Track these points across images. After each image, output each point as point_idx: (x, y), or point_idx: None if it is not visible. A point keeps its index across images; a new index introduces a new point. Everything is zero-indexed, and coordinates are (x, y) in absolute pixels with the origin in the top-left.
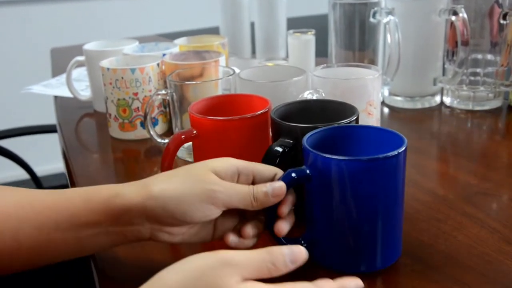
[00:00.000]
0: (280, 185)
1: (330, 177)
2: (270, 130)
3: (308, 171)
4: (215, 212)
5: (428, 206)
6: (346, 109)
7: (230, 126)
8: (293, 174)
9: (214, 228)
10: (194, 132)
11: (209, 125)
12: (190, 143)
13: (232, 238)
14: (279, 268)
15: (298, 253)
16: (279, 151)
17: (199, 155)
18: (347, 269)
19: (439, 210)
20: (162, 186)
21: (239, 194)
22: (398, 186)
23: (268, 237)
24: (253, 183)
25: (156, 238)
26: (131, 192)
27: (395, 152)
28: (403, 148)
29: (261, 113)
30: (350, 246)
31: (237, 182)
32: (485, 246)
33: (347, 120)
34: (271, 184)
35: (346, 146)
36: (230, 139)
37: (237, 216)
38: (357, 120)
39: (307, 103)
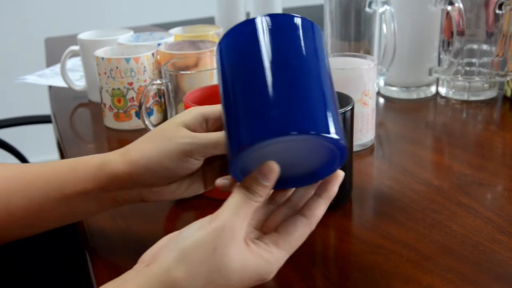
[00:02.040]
0: None
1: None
2: None
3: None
4: (196, 163)
5: (423, 196)
6: (341, 99)
7: None
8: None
9: (204, 178)
10: None
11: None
12: None
13: (221, 181)
14: (259, 194)
15: (267, 169)
16: None
17: None
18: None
19: (434, 200)
20: (141, 149)
21: (211, 141)
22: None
23: None
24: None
25: (148, 199)
26: (115, 159)
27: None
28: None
29: None
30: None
31: (207, 127)
32: (479, 236)
33: (342, 110)
34: None
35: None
36: None
37: (223, 160)
38: (352, 109)
39: None
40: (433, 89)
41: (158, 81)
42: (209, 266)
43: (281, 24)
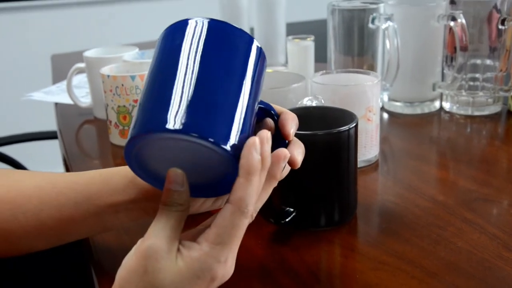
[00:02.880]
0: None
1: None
2: None
3: None
4: None
5: (428, 212)
6: (345, 116)
7: None
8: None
9: None
10: None
11: None
12: None
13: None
14: (177, 202)
15: (172, 175)
16: None
17: None
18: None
19: (439, 216)
20: None
21: None
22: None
23: None
24: None
25: None
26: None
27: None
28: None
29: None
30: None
31: None
32: (484, 252)
33: (346, 127)
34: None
35: None
36: None
37: None
38: (356, 126)
39: (307, 109)
40: (437, 104)
41: None
42: (145, 287)
43: (214, 30)
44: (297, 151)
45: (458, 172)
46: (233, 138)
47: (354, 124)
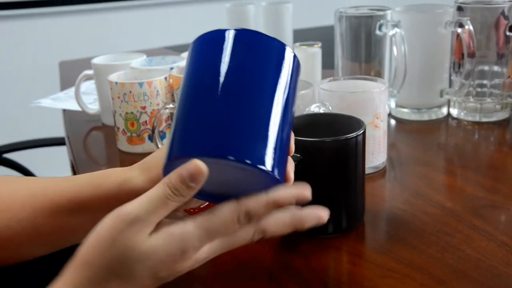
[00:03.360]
0: None
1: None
2: None
3: None
4: None
5: (435, 219)
6: (353, 123)
7: None
8: None
9: None
10: None
11: None
12: None
13: None
14: (182, 194)
15: (194, 169)
16: None
17: None
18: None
19: (447, 223)
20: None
21: None
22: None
23: None
24: None
25: None
26: (136, 177)
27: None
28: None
29: None
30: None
31: None
32: (493, 260)
33: (354, 134)
34: None
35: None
36: None
37: None
38: (364, 133)
39: (314, 116)
40: (444, 110)
41: (171, 105)
42: (109, 258)
43: (251, 42)
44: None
45: (466, 178)
46: (283, 166)
47: (362, 131)
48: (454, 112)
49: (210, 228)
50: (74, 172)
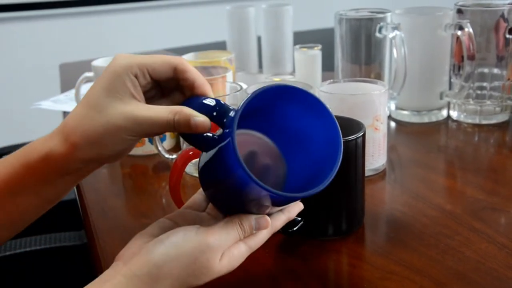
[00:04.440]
0: (204, 120)
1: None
2: None
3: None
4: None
5: (435, 221)
6: (353, 125)
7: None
8: (215, 110)
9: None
10: None
11: None
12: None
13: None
14: (247, 232)
15: (263, 222)
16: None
17: None
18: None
19: (447, 225)
20: (82, 133)
21: (156, 123)
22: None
23: None
24: (151, 77)
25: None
26: (60, 145)
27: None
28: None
29: None
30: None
31: (139, 84)
32: (493, 262)
33: (353, 136)
34: (194, 118)
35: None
36: None
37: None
38: (363, 135)
39: None
40: (444, 112)
41: None
42: (188, 273)
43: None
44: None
45: (465, 181)
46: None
47: (362, 133)
48: (454, 114)
49: (255, 245)
50: None
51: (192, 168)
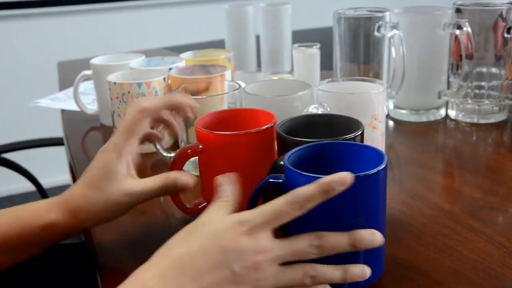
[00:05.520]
0: (187, 179)
1: None
2: (275, 144)
3: (282, 181)
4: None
5: (433, 220)
6: (351, 124)
7: (236, 141)
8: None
9: None
10: (200, 147)
11: (215, 140)
12: (196, 157)
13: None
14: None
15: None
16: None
17: (205, 169)
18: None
19: (445, 224)
20: (88, 211)
21: (145, 192)
22: (378, 203)
23: None
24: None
25: None
26: (63, 222)
27: (375, 170)
28: (383, 165)
29: (266, 128)
30: (330, 262)
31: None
32: (490, 261)
33: (352, 135)
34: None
35: (329, 163)
36: (236, 154)
37: None
38: (362, 134)
39: (313, 117)
40: (442, 112)
41: None
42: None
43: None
44: None
45: (463, 180)
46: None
47: (360, 132)
48: (452, 113)
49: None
50: (72, 172)
51: (190, 167)
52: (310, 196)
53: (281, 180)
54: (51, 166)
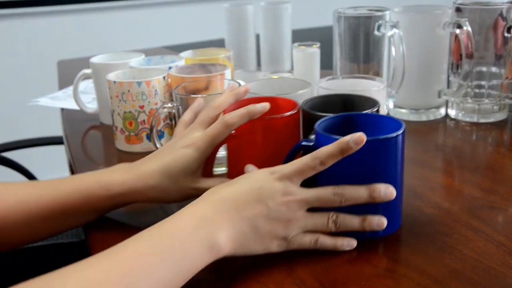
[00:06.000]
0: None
1: None
2: (301, 128)
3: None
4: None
5: (433, 219)
6: (366, 101)
7: (272, 124)
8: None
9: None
10: (233, 132)
11: (250, 124)
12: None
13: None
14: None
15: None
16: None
17: (235, 156)
18: (352, 235)
19: (445, 223)
20: (153, 188)
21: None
22: (397, 163)
23: None
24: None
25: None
26: (126, 177)
27: (394, 134)
28: (401, 131)
29: (297, 111)
30: (354, 213)
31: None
32: (490, 260)
33: (369, 111)
34: None
35: (353, 132)
36: (268, 138)
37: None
38: (377, 111)
39: (329, 97)
40: (442, 111)
41: (169, 104)
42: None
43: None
44: None
45: (463, 179)
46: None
47: (376, 108)
48: (452, 113)
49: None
50: (72, 171)
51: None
52: (330, 152)
53: (312, 143)
54: (51, 165)
